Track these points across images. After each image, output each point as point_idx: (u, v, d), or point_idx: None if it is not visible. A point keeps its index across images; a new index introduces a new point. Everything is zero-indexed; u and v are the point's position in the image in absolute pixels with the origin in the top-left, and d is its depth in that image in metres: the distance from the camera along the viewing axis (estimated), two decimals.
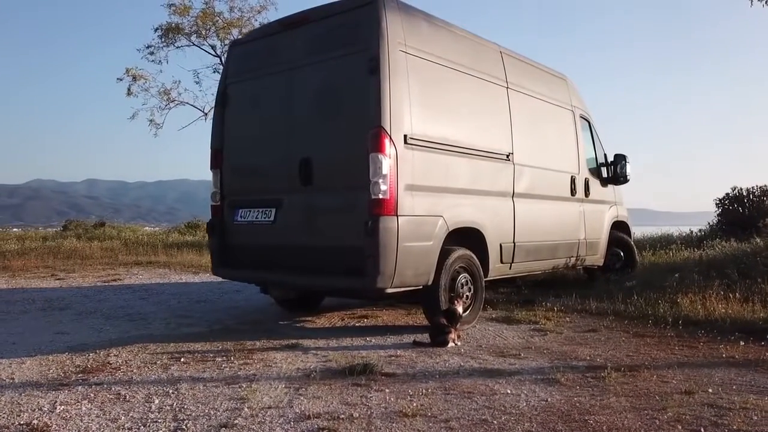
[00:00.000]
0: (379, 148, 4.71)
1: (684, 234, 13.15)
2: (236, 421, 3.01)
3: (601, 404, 3.28)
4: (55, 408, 3.22)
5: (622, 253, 8.55)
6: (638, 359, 4.36)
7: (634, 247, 8.80)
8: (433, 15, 5.58)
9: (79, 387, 3.63)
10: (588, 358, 4.40)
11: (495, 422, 3.01)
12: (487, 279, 5.92)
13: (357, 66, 4.91)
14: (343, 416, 3.08)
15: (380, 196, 4.71)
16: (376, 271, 4.69)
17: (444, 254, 5.24)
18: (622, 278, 7.96)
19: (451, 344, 4.80)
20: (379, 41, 4.80)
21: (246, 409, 3.20)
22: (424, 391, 3.55)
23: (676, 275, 7.18)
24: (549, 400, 3.37)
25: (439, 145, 5.26)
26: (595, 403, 3.30)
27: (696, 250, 9.94)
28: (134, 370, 4.04)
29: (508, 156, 6.16)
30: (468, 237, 5.61)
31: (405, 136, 4.87)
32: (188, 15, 17.46)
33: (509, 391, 3.53)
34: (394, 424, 2.98)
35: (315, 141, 5.28)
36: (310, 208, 5.30)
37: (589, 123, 8.10)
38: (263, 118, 5.77)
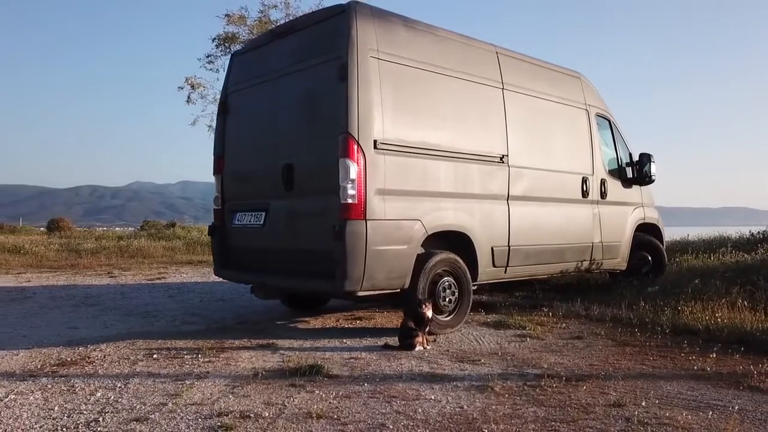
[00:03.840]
0: (347, 154, 4.81)
1: (744, 237, 12.33)
2: (152, 416, 3.20)
3: (514, 414, 3.22)
4: (7, 396, 3.55)
5: (649, 257, 8.17)
6: (598, 369, 4.22)
7: (664, 251, 8.36)
8: (415, 20, 5.59)
9: (44, 379, 3.96)
10: (546, 366, 4.30)
11: (392, 427, 3.04)
12: (477, 283, 5.87)
13: (331, 73, 5.03)
14: (251, 415, 3.20)
15: (349, 201, 4.81)
16: (344, 274, 4.80)
17: (423, 258, 5.27)
18: (644, 283, 7.62)
19: (418, 348, 4.81)
20: (349, 49, 4.90)
21: (170, 405, 3.39)
22: (350, 393, 3.62)
23: (696, 281, 6.80)
24: (465, 408, 3.34)
25: (417, 150, 5.28)
26: (510, 412, 3.25)
27: (745, 254, 9.32)
28: (105, 365, 4.34)
29: (502, 158, 6.07)
30: (454, 240, 5.59)
31: (375, 141, 4.94)
32: (244, 24, 18.18)
33: (433, 398, 3.53)
34: (293, 425, 3.07)
35: (296, 147, 5.46)
36: (291, 213, 5.48)
37: (609, 122, 7.80)
38: (255, 125, 6.02)
